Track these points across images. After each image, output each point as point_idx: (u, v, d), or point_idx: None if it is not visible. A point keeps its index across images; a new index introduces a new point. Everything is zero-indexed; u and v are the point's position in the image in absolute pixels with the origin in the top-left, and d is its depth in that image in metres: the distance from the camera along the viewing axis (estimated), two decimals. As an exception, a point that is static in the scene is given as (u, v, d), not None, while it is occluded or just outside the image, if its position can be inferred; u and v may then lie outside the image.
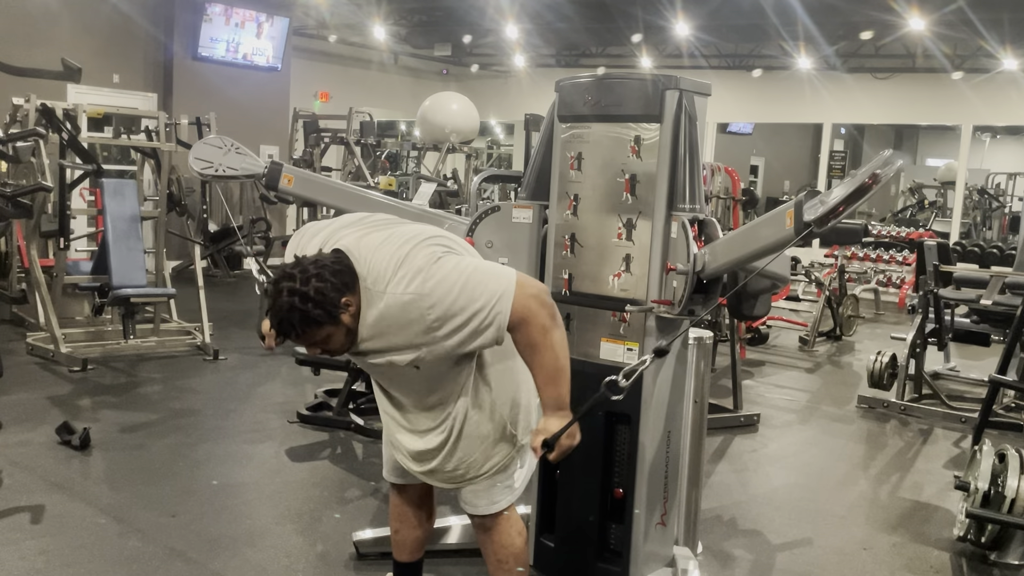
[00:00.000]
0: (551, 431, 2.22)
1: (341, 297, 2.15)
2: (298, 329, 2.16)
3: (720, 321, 5.93)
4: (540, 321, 2.21)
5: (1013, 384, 5.26)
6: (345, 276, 2.17)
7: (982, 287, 5.97)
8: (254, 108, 11.35)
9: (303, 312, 2.12)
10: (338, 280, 2.15)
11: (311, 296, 2.11)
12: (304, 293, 2.11)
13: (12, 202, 5.63)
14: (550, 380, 2.25)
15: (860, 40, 10.96)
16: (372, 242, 2.26)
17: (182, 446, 4.56)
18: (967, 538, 3.63)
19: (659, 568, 3.06)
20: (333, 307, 2.14)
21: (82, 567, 3.19)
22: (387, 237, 2.28)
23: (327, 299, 2.12)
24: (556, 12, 10.42)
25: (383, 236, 2.29)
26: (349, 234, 2.31)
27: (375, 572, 3.21)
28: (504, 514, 2.51)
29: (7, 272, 7.33)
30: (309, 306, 2.11)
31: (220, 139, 3.39)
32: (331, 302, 2.13)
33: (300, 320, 2.14)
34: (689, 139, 2.79)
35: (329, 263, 2.17)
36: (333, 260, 2.18)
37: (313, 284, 2.12)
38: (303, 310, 2.12)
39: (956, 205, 12.82)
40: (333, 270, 2.15)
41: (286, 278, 2.14)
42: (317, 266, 2.15)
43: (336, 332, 2.19)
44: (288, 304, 2.12)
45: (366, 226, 2.36)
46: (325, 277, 2.13)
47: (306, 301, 2.11)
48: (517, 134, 15.65)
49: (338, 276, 2.15)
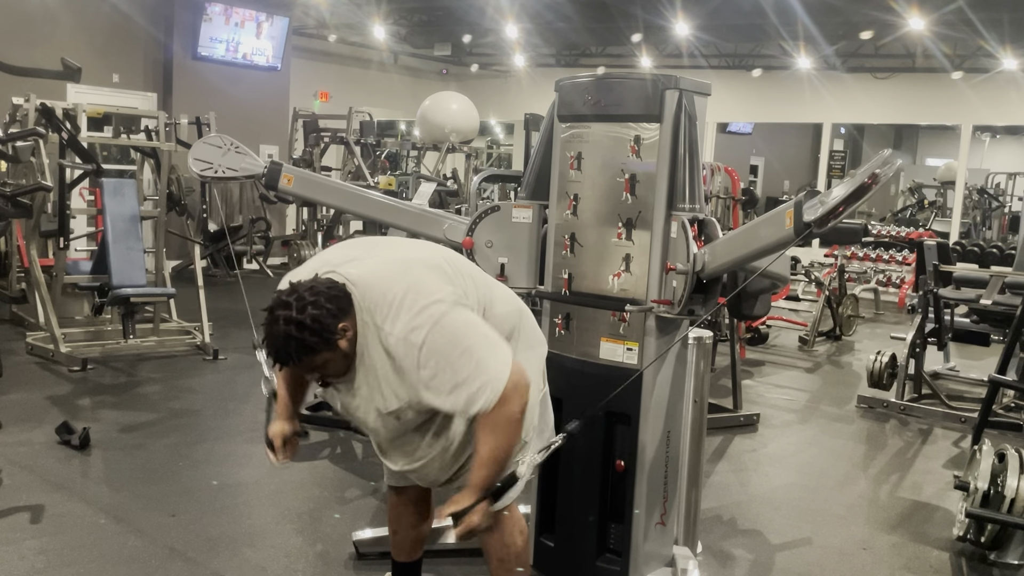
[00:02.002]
0: (462, 505, 2.21)
1: (338, 323, 2.14)
2: (295, 357, 2.15)
3: (720, 321, 5.93)
4: (512, 410, 2.20)
5: (1013, 384, 5.26)
6: (341, 302, 2.16)
7: (982, 287, 5.97)
8: (254, 108, 11.36)
9: (299, 340, 2.11)
10: (334, 306, 2.14)
11: (307, 324, 2.10)
12: (300, 321, 2.10)
13: (12, 202, 5.62)
14: (488, 463, 2.24)
15: (860, 40, 10.96)
16: (369, 269, 2.25)
17: (182, 446, 4.56)
18: (967, 538, 3.63)
19: (659, 568, 3.06)
20: (330, 334, 2.13)
21: (82, 567, 3.19)
22: (384, 263, 2.28)
23: (323, 326, 2.12)
24: (556, 12, 10.42)
25: (379, 262, 2.28)
26: (344, 262, 2.29)
27: (375, 572, 3.21)
28: (505, 513, 2.51)
29: (7, 272, 7.32)
30: (305, 334, 2.10)
31: (220, 138, 3.38)
32: (327, 329, 2.12)
33: (297, 348, 2.13)
34: (689, 139, 2.79)
35: (324, 289, 2.16)
36: (328, 286, 2.17)
37: (309, 312, 2.11)
38: (299, 338, 2.11)
39: (956, 205, 12.82)
40: (328, 296, 2.14)
41: (282, 306, 2.13)
42: (312, 292, 2.14)
43: (333, 358, 2.18)
44: (284, 333, 2.11)
45: (361, 252, 2.36)
46: (321, 304, 2.12)
47: (302, 329, 2.10)
48: (517, 134, 15.65)
49: (334, 302, 2.14)
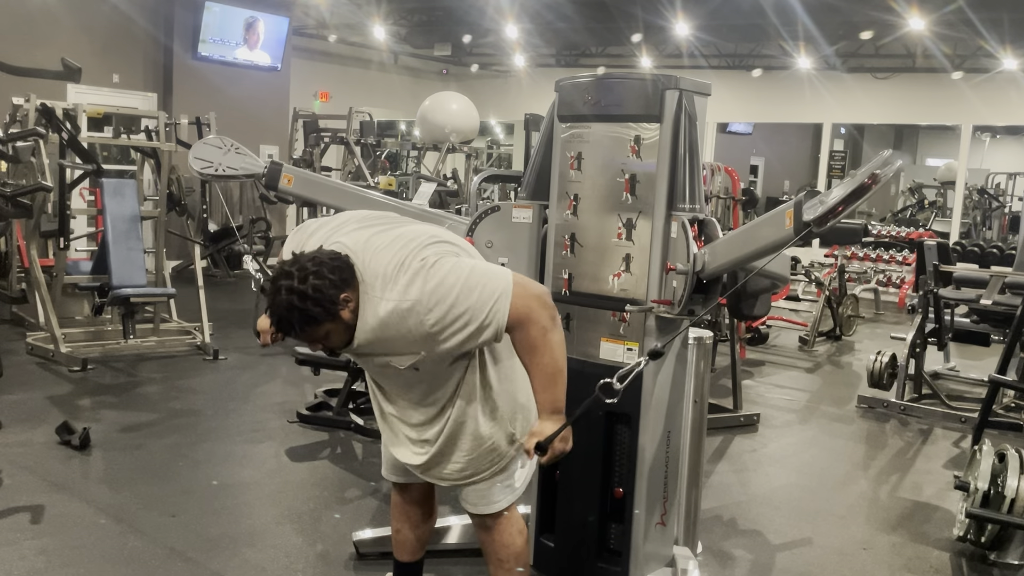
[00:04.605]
0: (545, 434, 2.21)
1: (340, 294, 2.15)
2: (297, 327, 2.16)
3: (720, 321, 5.93)
4: (541, 322, 2.20)
5: (1013, 384, 5.27)
6: (343, 272, 2.16)
7: (982, 287, 5.97)
8: (254, 108, 11.34)
9: (302, 310, 2.12)
10: (336, 276, 2.14)
11: (309, 294, 2.11)
12: (302, 291, 2.11)
13: (12, 202, 5.62)
14: (547, 382, 2.25)
15: (860, 40, 10.96)
16: (372, 242, 2.26)
17: (182, 446, 4.56)
18: (967, 538, 3.63)
19: (659, 568, 3.06)
20: (332, 304, 2.13)
21: (82, 567, 3.19)
22: (387, 238, 2.27)
23: (325, 296, 2.12)
24: (556, 12, 10.42)
25: (383, 237, 2.28)
26: (349, 232, 2.31)
27: (375, 572, 3.21)
28: (505, 514, 2.51)
29: (7, 272, 7.32)
30: (308, 304, 2.11)
31: (220, 139, 3.39)
32: (329, 299, 2.13)
33: (299, 318, 2.14)
34: (689, 139, 2.79)
35: (327, 259, 2.16)
36: (331, 256, 2.18)
37: (311, 282, 2.11)
38: (302, 308, 2.12)
39: (956, 205, 12.82)
40: (331, 267, 2.15)
41: (284, 276, 2.14)
42: (315, 263, 2.14)
43: (336, 328, 2.19)
44: (287, 302, 2.12)
45: (366, 225, 2.35)
46: (323, 274, 2.13)
47: (304, 299, 2.11)
48: (517, 134, 15.64)
49: (336, 272, 2.15)
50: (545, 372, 2.24)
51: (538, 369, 2.24)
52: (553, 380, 2.24)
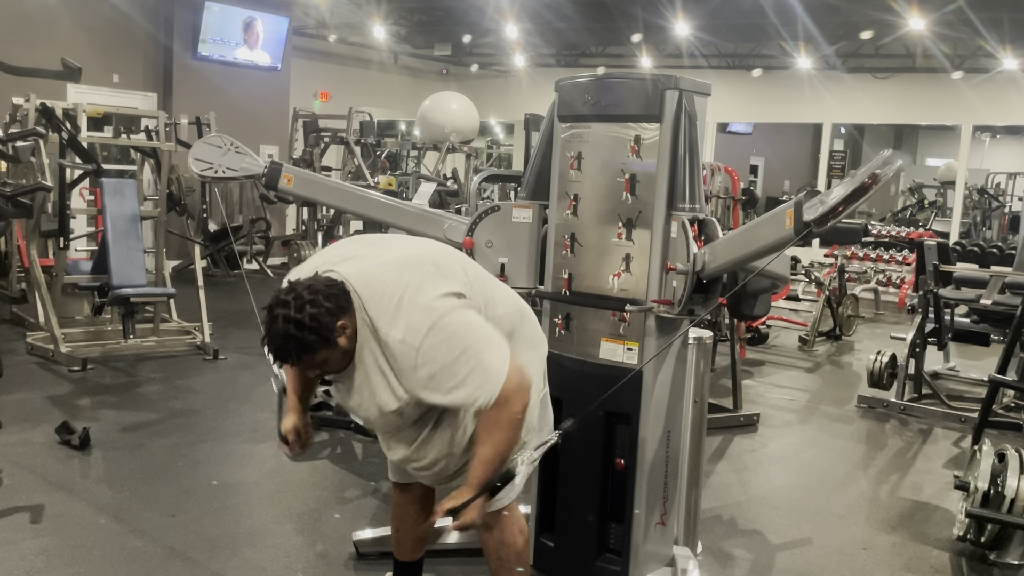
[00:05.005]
0: (459, 501, 2.25)
1: (336, 321, 2.15)
2: (294, 355, 2.16)
3: (720, 321, 5.93)
4: (514, 409, 2.22)
5: (1013, 384, 5.26)
6: (340, 300, 2.16)
7: (982, 287, 5.96)
8: (254, 108, 11.35)
9: (298, 339, 2.12)
10: (332, 304, 2.14)
11: (306, 323, 2.11)
12: (299, 320, 2.11)
13: (12, 202, 5.62)
14: (490, 458, 2.26)
15: (860, 40, 10.96)
16: (369, 269, 2.25)
17: (182, 446, 4.56)
18: (967, 538, 3.63)
19: (659, 568, 3.06)
20: (328, 332, 2.14)
21: (82, 567, 3.19)
22: (385, 266, 2.27)
23: (322, 325, 2.12)
24: (556, 12, 10.42)
25: (381, 264, 2.28)
26: (347, 258, 2.30)
27: (375, 572, 3.21)
28: (505, 513, 2.51)
29: (7, 272, 7.32)
30: (304, 332, 2.11)
31: (220, 138, 3.38)
32: (326, 327, 2.13)
33: (296, 347, 2.14)
34: (689, 139, 2.79)
35: (323, 287, 2.16)
36: (327, 284, 2.18)
37: (307, 311, 2.11)
38: (298, 337, 2.12)
39: (956, 205, 12.81)
40: (327, 294, 2.15)
41: (280, 305, 2.14)
42: (311, 291, 2.14)
43: (333, 355, 2.19)
44: (283, 331, 2.12)
45: (363, 251, 2.36)
46: (319, 302, 2.13)
47: (301, 328, 2.11)
48: (517, 134, 15.64)
49: (332, 300, 2.15)
50: (494, 450, 2.25)
51: (489, 446, 2.25)
52: (494, 460, 2.26)
